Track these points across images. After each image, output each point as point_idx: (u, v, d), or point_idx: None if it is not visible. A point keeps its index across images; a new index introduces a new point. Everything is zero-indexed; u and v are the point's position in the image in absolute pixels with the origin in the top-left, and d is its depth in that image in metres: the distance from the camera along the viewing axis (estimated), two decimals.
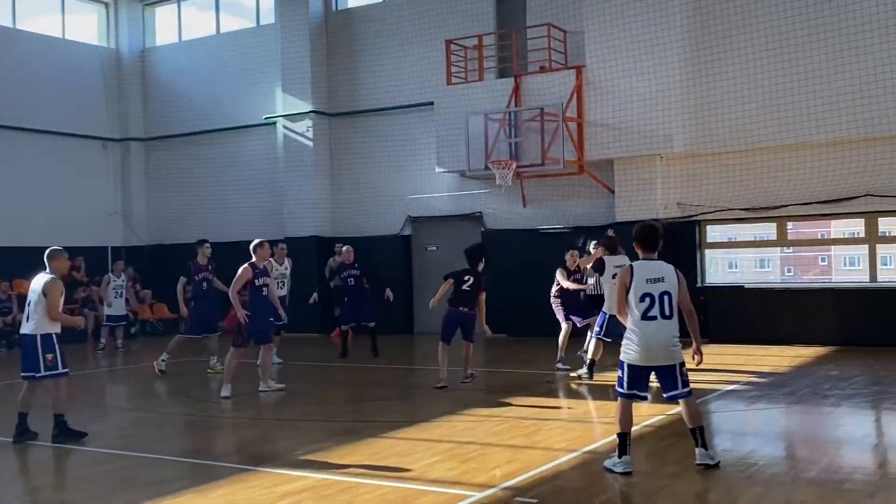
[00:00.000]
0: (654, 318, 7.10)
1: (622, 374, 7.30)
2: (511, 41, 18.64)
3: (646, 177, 17.53)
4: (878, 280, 16.67)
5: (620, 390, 7.31)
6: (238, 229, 22.48)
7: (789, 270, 66.86)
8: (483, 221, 19.60)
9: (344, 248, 16.27)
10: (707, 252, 18.06)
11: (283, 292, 14.83)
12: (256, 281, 11.79)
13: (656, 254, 7.40)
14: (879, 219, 16.24)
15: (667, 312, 7.13)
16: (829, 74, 15.87)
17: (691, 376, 7.38)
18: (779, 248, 63.31)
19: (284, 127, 21.73)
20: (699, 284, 17.41)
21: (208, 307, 14.19)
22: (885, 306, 15.73)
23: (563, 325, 13.36)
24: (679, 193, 17.53)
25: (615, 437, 7.28)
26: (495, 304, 13.92)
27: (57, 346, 8.92)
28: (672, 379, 7.19)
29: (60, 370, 8.93)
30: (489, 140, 17.25)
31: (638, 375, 7.24)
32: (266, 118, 22.10)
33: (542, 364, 13.97)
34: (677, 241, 17.23)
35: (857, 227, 16.70)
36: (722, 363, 14.08)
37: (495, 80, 18.85)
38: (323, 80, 21.56)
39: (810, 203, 16.28)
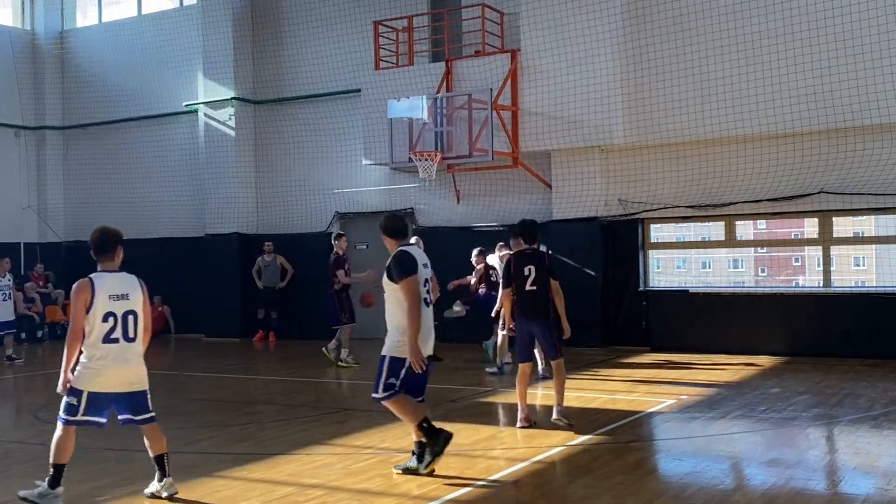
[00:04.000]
0: (116, 340, 6.40)
1: (77, 401, 6.40)
2: (444, 23, 17.20)
3: (585, 171, 16.10)
4: (832, 285, 15.29)
5: (69, 418, 6.44)
6: (160, 225, 21.10)
7: (763, 271, 65.90)
8: (415, 218, 18.11)
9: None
10: (655, 252, 16.71)
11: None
12: None
13: (117, 264, 6.61)
14: (834, 218, 14.88)
15: (130, 335, 6.48)
16: (778, 63, 14.47)
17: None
18: (752, 249, 62.63)
19: (206, 115, 20.14)
20: (642, 288, 16.03)
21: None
22: (839, 313, 14.40)
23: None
24: (621, 189, 16.11)
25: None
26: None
27: None
28: (141, 405, 6.62)
29: None
30: (414, 129, 15.78)
31: (98, 402, 6.49)
32: (186, 105, 20.50)
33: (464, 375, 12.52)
34: (621, 241, 16.04)
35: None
36: (655, 377, 12.75)
37: (427, 64, 17.35)
38: (247, 64, 19.97)
39: (760, 201, 14.92)
